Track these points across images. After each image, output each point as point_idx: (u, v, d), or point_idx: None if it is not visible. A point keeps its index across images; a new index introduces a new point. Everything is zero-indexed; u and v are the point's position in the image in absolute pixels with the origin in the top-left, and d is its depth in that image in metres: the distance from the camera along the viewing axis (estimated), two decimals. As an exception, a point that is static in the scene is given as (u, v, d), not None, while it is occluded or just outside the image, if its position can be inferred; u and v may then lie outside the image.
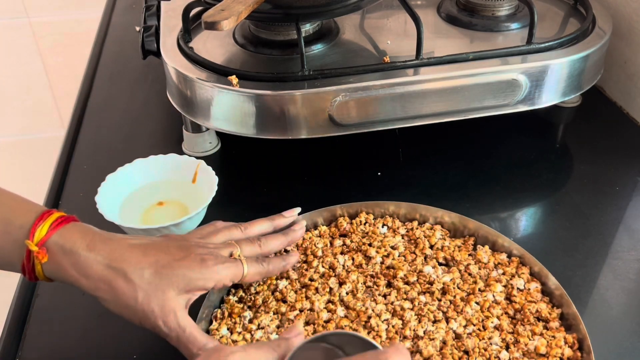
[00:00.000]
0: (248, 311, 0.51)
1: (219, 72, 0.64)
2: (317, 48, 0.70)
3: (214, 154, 0.74)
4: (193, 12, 0.72)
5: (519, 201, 0.67)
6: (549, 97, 0.68)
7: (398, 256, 0.56)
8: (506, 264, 0.55)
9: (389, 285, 0.54)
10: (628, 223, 0.63)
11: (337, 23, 0.75)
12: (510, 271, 0.54)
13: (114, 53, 0.99)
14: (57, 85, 1.57)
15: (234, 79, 0.62)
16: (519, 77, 0.65)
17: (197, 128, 0.72)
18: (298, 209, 0.58)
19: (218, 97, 0.63)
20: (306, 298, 0.52)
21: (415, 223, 0.59)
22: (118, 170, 0.63)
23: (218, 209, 0.62)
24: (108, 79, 0.92)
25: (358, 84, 0.62)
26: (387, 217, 0.60)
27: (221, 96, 0.63)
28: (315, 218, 0.60)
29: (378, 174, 0.70)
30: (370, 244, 0.57)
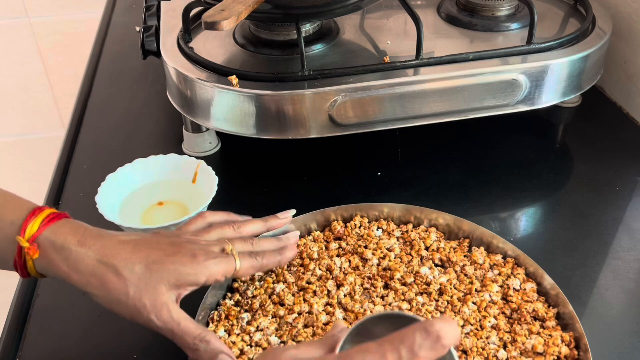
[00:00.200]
0: (245, 313, 0.51)
1: (219, 72, 0.64)
2: (317, 48, 0.70)
3: (214, 154, 0.74)
4: (193, 12, 0.72)
5: (519, 201, 0.67)
6: (549, 97, 0.68)
7: (394, 258, 0.56)
8: (501, 265, 0.55)
9: (386, 286, 0.54)
10: (628, 223, 0.63)
11: (337, 23, 0.75)
12: (505, 272, 0.54)
13: (114, 53, 0.99)
14: (57, 85, 1.57)
15: (234, 79, 0.62)
16: (519, 77, 0.65)
17: (197, 128, 0.73)
18: (293, 211, 0.57)
19: (218, 97, 0.63)
20: (304, 301, 0.52)
21: (410, 226, 0.60)
22: (118, 170, 0.63)
23: (218, 209, 0.61)
24: (108, 79, 0.92)
25: (358, 84, 0.62)
26: (382, 221, 0.60)
27: (221, 96, 0.63)
28: (308, 222, 0.60)
29: (378, 174, 0.70)
30: (366, 246, 0.57)
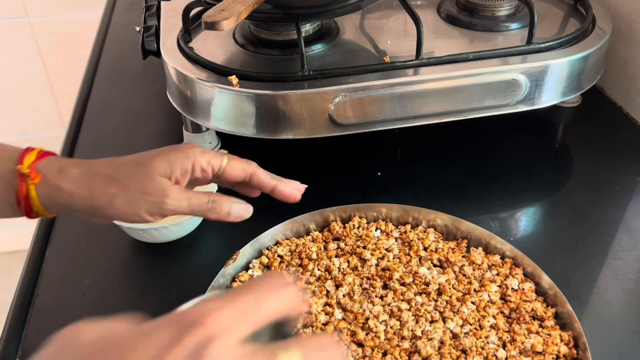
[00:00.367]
0: None
1: (219, 72, 0.64)
2: (317, 48, 0.70)
3: (214, 154, 0.74)
4: (193, 12, 0.72)
5: (519, 201, 0.67)
6: (549, 97, 0.68)
7: (393, 258, 0.56)
8: (500, 265, 0.55)
9: (385, 286, 0.54)
10: (628, 223, 0.63)
11: (337, 23, 0.75)
12: (504, 272, 0.54)
13: (114, 53, 0.99)
14: (57, 85, 1.57)
15: (234, 79, 0.62)
16: (519, 77, 0.65)
17: (197, 128, 0.72)
18: (305, 186, 0.54)
19: (218, 97, 0.63)
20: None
21: (408, 226, 0.60)
22: (118, 170, 0.63)
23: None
24: (108, 79, 0.92)
25: (358, 84, 0.62)
26: (380, 221, 0.60)
27: (221, 96, 0.63)
28: (307, 222, 0.60)
29: (378, 174, 0.70)
30: (364, 247, 0.57)
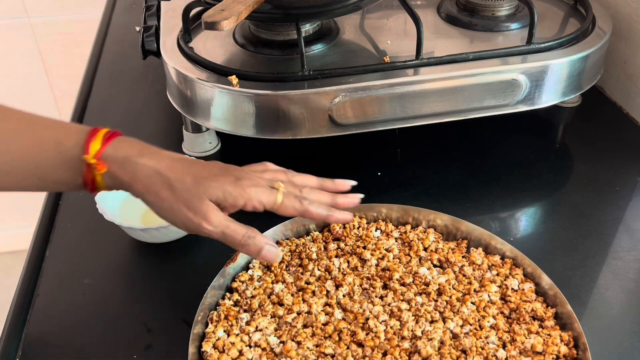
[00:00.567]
0: (244, 314, 0.51)
1: (219, 72, 0.64)
2: (317, 48, 0.70)
3: (214, 154, 0.74)
4: (193, 12, 0.72)
5: (519, 201, 0.67)
6: (549, 97, 0.68)
7: (393, 258, 0.56)
8: (500, 266, 0.55)
9: (385, 287, 0.54)
10: (628, 223, 0.63)
11: (337, 23, 0.75)
12: (504, 272, 0.54)
13: (114, 53, 0.99)
14: (57, 85, 1.57)
15: (234, 79, 0.62)
16: (519, 77, 0.65)
17: (197, 128, 0.72)
18: (354, 182, 0.55)
19: (218, 97, 0.63)
20: (303, 301, 0.52)
21: (408, 227, 0.60)
22: (118, 170, 0.63)
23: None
24: (108, 79, 0.92)
25: (358, 84, 0.62)
26: (380, 222, 0.60)
27: (221, 96, 0.63)
28: (307, 223, 0.60)
29: (378, 174, 0.70)
30: (364, 247, 0.57)
